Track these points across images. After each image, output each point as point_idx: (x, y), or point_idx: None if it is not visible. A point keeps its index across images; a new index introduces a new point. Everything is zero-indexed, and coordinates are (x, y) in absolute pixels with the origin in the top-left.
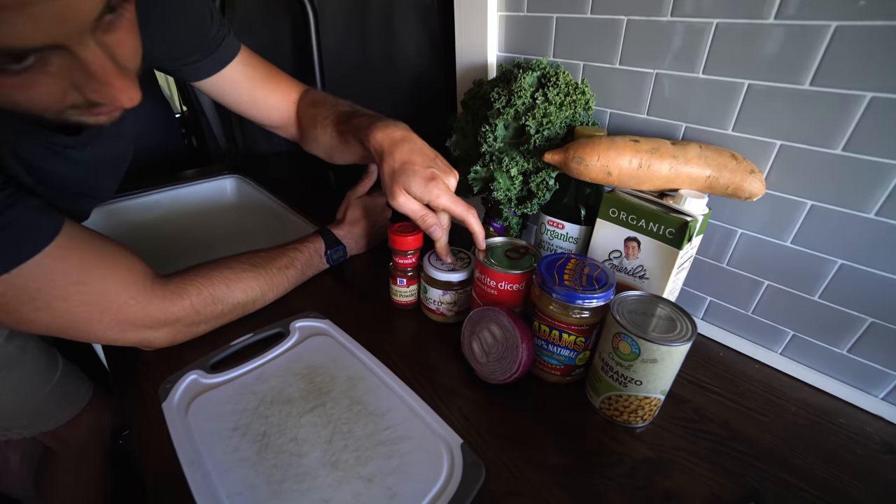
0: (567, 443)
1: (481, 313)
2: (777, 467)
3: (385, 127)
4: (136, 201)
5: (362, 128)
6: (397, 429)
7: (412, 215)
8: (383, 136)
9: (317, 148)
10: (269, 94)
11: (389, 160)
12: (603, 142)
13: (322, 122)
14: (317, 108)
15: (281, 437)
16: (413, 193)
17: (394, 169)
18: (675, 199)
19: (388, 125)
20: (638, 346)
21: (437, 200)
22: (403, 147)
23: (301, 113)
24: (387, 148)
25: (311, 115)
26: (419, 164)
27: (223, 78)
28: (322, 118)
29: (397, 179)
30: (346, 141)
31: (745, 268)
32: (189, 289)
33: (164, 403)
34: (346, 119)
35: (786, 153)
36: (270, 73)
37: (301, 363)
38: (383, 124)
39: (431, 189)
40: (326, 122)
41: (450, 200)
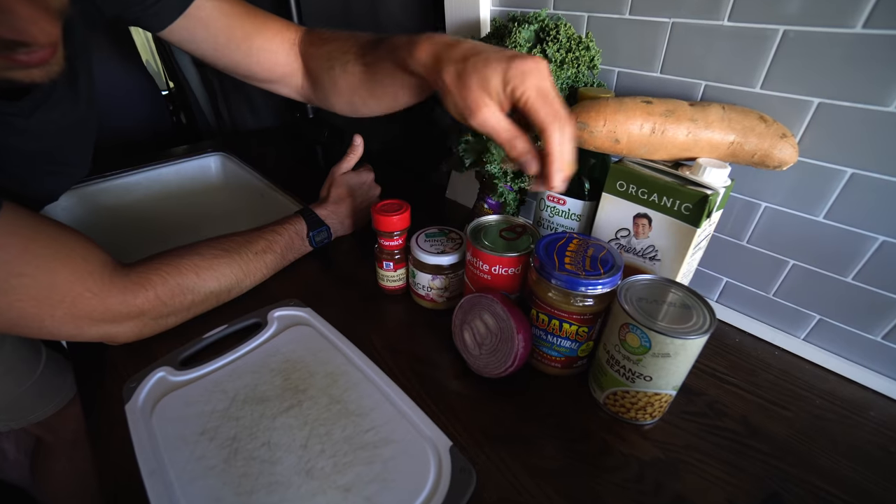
0: (568, 443)
1: (473, 301)
2: (801, 468)
3: (429, 36)
4: (113, 183)
5: (399, 46)
6: (380, 430)
7: (498, 135)
8: (430, 42)
9: (336, 96)
10: (257, 35)
11: (449, 65)
12: (610, 104)
13: (340, 59)
14: (329, 43)
15: (252, 441)
16: (495, 87)
17: (459, 71)
18: (693, 169)
19: (432, 34)
20: (648, 339)
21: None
22: (462, 44)
23: (308, 55)
24: (440, 51)
25: (324, 54)
26: (491, 50)
27: (192, 20)
28: (340, 53)
29: (470, 81)
30: (379, 72)
31: (768, 246)
32: (153, 279)
33: (127, 405)
34: (373, 46)
35: (824, 113)
36: (253, 11)
37: (278, 357)
38: (427, 35)
39: (522, 70)
40: (347, 58)
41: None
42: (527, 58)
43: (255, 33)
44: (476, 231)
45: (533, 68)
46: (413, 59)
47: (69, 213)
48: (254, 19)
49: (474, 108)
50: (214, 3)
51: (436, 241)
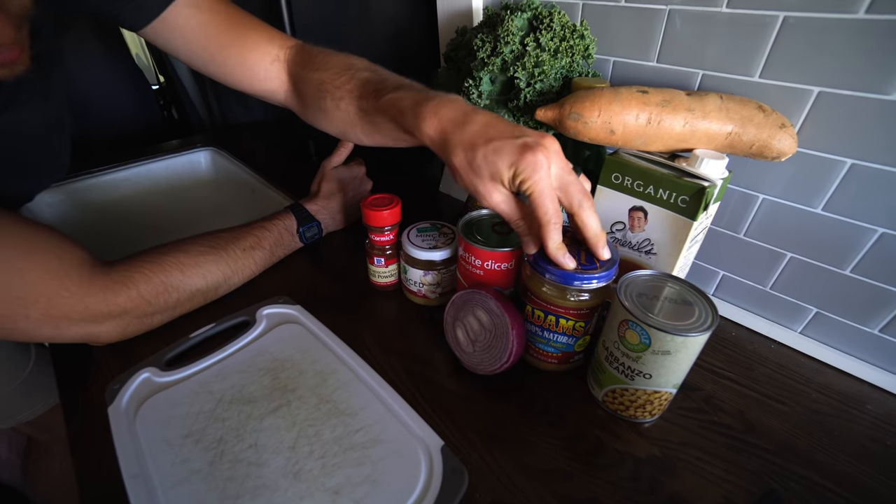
0: (563, 441)
1: (465, 297)
2: (798, 464)
3: (436, 106)
4: (101, 179)
5: (404, 111)
6: (370, 430)
7: (506, 216)
8: (440, 121)
9: (327, 124)
10: (233, 48)
11: (459, 151)
12: (605, 94)
13: (333, 94)
14: (320, 71)
15: (239, 443)
16: (506, 178)
17: (469, 159)
18: (689, 160)
19: (440, 103)
20: (648, 336)
21: (539, 182)
22: (471, 125)
23: (298, 77)
24: (450, 134)
25: (314, 82)
26: (502, 136)
27: (168, 25)
28: (333, 88)
29: (480, 171)
30: (375, 123)
31: (766, 238)
32: (136, 276)
33: (110, 407)
34: (374, 94)
35: (825, 102)
36: (236, 21)
37: (266, 356)
38: (433, 104)
39: (529, 162)
40: (340, 94)
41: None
42: (537, 148)
43: (230, 45)
44: (468, 225)
45: (542, 162)
46: (419, 132)
47: (55, 210)
48: (233, 30)
49: (485, 195)
50: (192, 10)
51: (427, 237)
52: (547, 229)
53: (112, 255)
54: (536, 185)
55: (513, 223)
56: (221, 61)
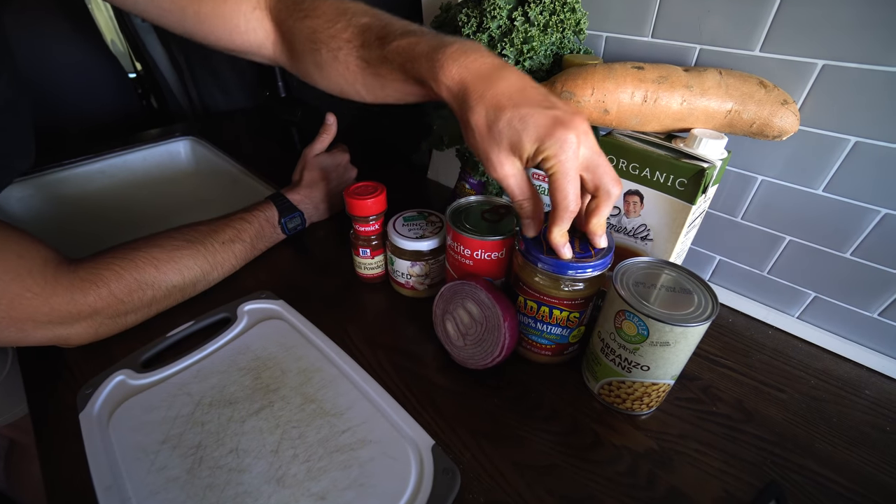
0: (558, 437)
1: (455, 288)
2: (799, 454)
3: (458, 53)
4: (74, 172)
5: (416, 58)
6: (357, 431)
7: (512, 193)
8: (463, 70)
9: (323, 80)
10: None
11: (481, 108)
12: (598, 71)
13: (329, 44)
14: (312, 18)
15: (219, 448)
16: (526, 152)
17: (491, 121)
18: (687, 141)
19: (464, 50)
20: (646, 327)
21: (565, 162)
22: (500, 83)
23: (285, 26)
24: (473, 87)
25: (306, 31)
26: (531, 103)
27: None
28: (328, 38)
29: (500, 137)
30: (380, 75)
31: (764, 222)
32: (106, 274)
33: (81, 413)
34: (378, 41)
35: (829, 76)
36: None
37: (248, 355)
38: (454, 50)
39: (560, 139)
40: (337, 44)
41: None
42: (570, 124)
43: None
44: (456, 213)
45: (572, 141)
46: (436, 80)
47: (24, 205)
48: None
49: (495, 165)
50: None
51: (414, 226)
52: (561, 215)
53: (86, 253)
54: (562, 164)
55: (517, 202)
56: (194, 14)
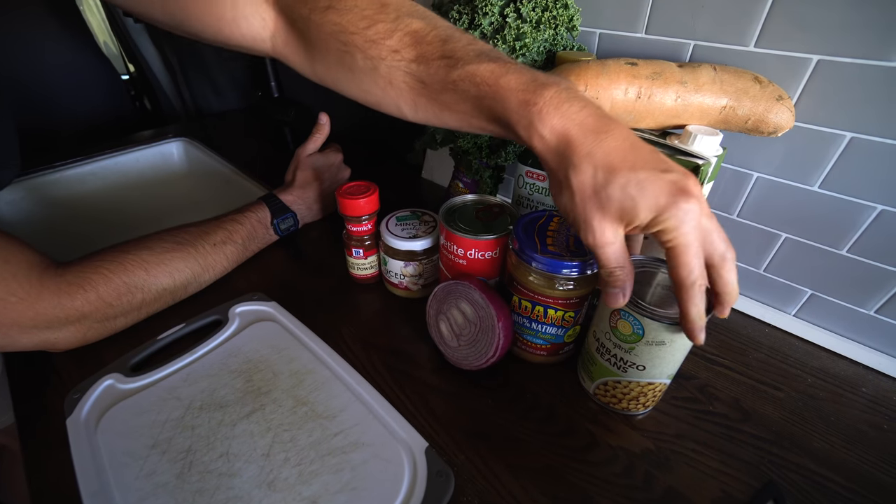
0: (554, 438)
1: (448, 288)
2: (796, 453)
3: (561, 100)
4: (65, 174)
5: (502, 95)
6: (350, 434)
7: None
8: (566, 121)
9: (352, 87)
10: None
11: (587, 168)
12: (591, 67)
13: (367, 51)
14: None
15: (209, 452)
16: (639, 221)
17: (599, 186)
18: (682, 138)
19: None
20: (641, 326)
21: (687, 234)
22: (609, 139)
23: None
24: (579, 143)
25: (331, 29)
26: (647, 165)
27: None
28: (365, 43)
29: (610, 206)
30: (441, 101)
31: (759, 219)
32: (94, 278)
33: (69, 418)
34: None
35: (824, 71)
36: None
37: (239, 357)
38: (554, 95)
39: (682, 211)
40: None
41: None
42: (690, 192)
43: None
44: (449, 212)
45: (694, 212)
46: (530, 130)
47: (15, 208)
48: None
49: (597, 232)
50: None
51: (407, 225)
52: (690, 293)
53: (78, 256)
54: (685, 237)
55: (608, 270)
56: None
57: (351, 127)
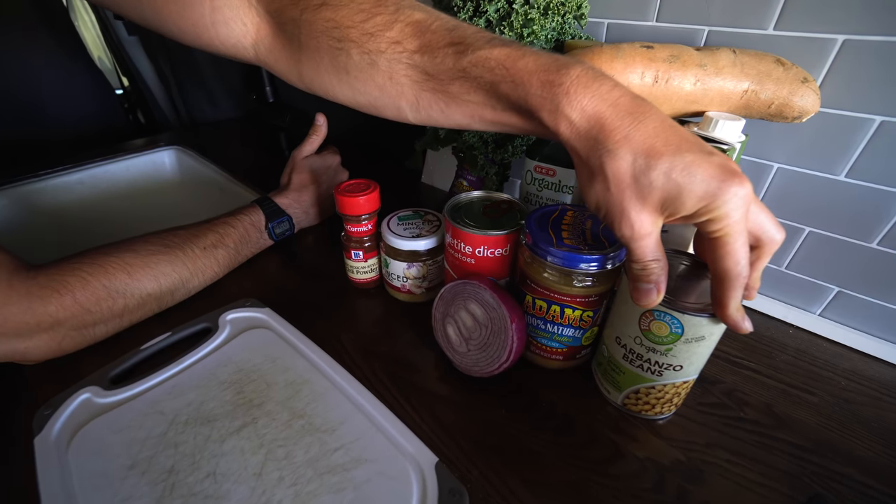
0: (574, 450)
1: (456, 289)
2: (839, 462)
3: (590, 79)
4: (51, 182)
5: (522, 77)
6: (351, 449)
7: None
8: (598, 101)
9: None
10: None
11: (626, 153)
12: (605, 51)
13: (365, 45)
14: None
15: (194, 472)
16: (686, 210)
17: (638, 172)
18: (702, 124)
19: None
20: (680, 325)
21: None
22: (647, 121)
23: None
24: (614, 125)
25: (323, 26)
26: (693, 148)
27: None
28: (362, 36)
29: (649, 189)
30: (452, 94)
31: (781, 212)
32: (70, 281)
33: (37, 437)
34: (452, 47)
35: (850, 52)
36: None
37: (229, 367)
38: (581, 73)
39: (735, 197)
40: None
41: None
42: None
43: None
44: (455, 209)
45: (747, 199)
46: (556, 113)
47: (1, 215)
48: None
49: (635, 223)
50: None
51: (410, 225)
52: (735, 284)
53: None
54: (736, 226)
55: (642, 263)
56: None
57: (348, 130)
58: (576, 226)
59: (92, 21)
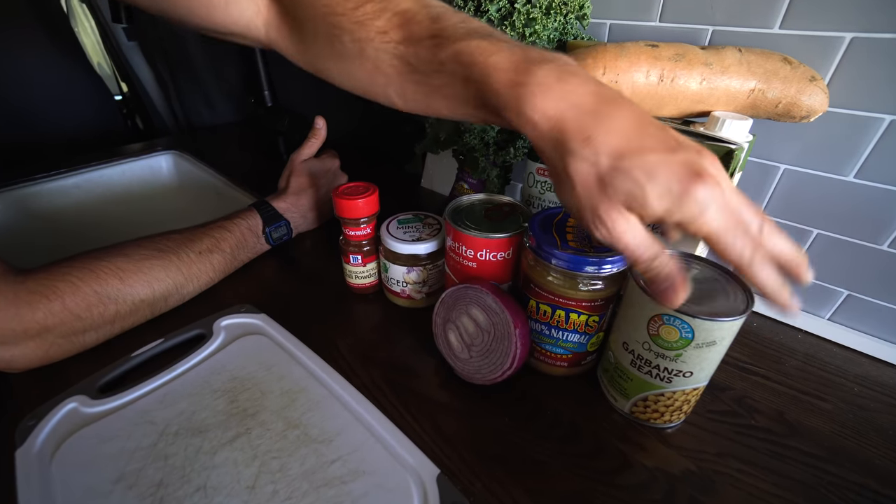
0: (580, 460)
1: (457, 293)
2: (856, 472)
3: (554, 79)
4: (46, 186)
5: (491, 74)
6: (349, 461)
7: (631, 254)
8: (560, 102)
9: (343, 75)
10: None
11: (588, 152)
12: (609, 49)
13: (355, 32)
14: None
15: (184, 485)
16: (651, 210)
17: (601, 173)
18: (708, 124)
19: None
20: (691, 329)
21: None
22: (611, 119)
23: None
24: (576, 127)
25: (321, 11)
26: (656, 147)
27: None
28: (353, 24)
29: (615, 192)
30: (430, 84)
31: (787, 215)
32: (59, 286)
33: (19, 450)
34: (431, 39)
35: (858, 51)
36: None
37: (223, 375)
38: (547, 73)
39: (699, 199)
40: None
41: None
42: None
43: None
44: (456, 212)
45: (715, 196)
46: (520, 115)
47: None
48: None
49: (607, 224)
50: None
51: (410, 228)
52: (755, 268)
53: None
54: (710, 224)
55: (643, 262)
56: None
57: (347, 134)
58: (580, 228)
59: (92, 27)
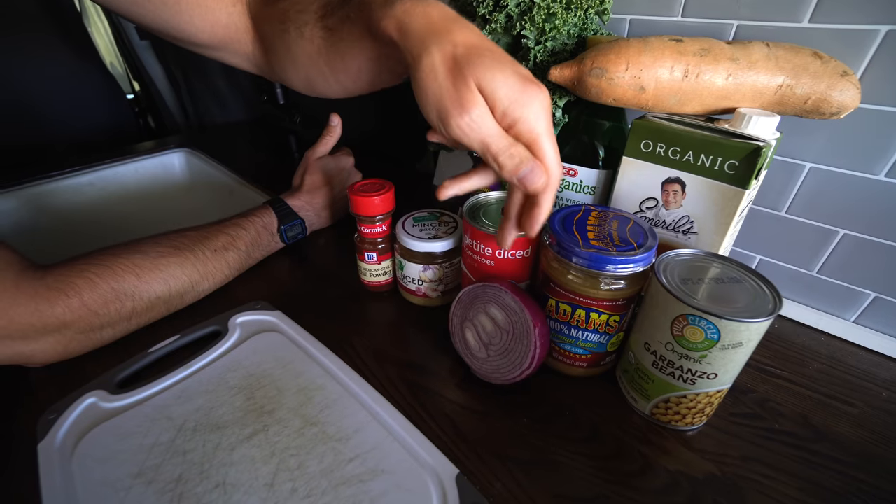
0: (601, 462)
1: (475, 292)
2: (889, 480)
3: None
4: (61, 184)
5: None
6: (367, 459)
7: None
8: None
9: (292, 69)
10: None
11: (444, 42)
12: (632, 44)
13: (297, 20)
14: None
15: (203, 482)
16: (498, 97)
17: (458, 57)
18: (733, 121)
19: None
20: (717, 330)
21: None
22: (459, 27)
23: (260, 15)
24: (438, 24)
25: (278, 13)
26: (496, 53)
27: None
28: (296, 12)
29: (466, 74)
30: (342, 39)
31: (813, 215)
32: (78, 283)
33: (40, 444)
34: (341, 2)
35: (894, 44)
36: None
37: (239, 372)
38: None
39: (529, 96)
40: (305, 18)
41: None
42: (538, 86)
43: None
44: (474, 209)
45: (547, 105)
46: (388, 18)
47: (9, 219)
48: None
49: (466, 104)
50: None
51: (426, 226)
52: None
53: None
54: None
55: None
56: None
57: (361, 134)
58: (602, 227)
59: (105, 27)
